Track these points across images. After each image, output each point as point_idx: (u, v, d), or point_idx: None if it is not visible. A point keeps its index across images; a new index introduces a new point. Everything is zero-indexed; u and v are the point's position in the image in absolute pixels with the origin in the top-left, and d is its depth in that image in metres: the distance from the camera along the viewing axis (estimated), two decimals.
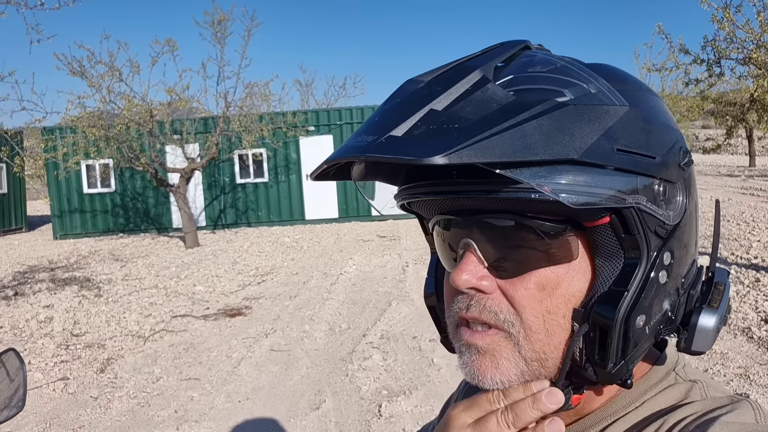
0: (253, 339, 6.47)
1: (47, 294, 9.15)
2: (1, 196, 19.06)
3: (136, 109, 12.75)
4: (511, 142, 0.52)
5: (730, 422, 0.57)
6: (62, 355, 6.19)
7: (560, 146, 0.53)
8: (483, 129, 0.52)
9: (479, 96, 0.56)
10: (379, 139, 0.54)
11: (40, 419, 4.67)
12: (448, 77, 0.59)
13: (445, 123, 0.54)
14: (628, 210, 0.58)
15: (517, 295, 0.61)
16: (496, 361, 0.62)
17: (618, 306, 0.59)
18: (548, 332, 0.61)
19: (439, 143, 0.51)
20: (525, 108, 0.54)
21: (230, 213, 17.96)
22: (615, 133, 0.57)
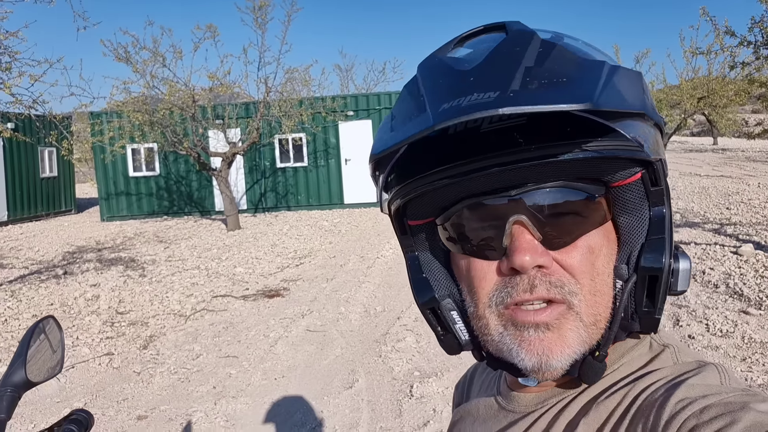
0: (290, 319, 6.60)
1: (94, 273, 9.48)
2: (51, 179, 19.72)
3: (179, 95, 13.00)
4: (616, 93, 0.56)
5: (695, 384, 0.59)
6: (108, 332, 6.43)
7: (636, 100, 0.59)
8: (590, 82, 0.55)
9: (557, 55, 0.59)
10: (504, 93, 0.53)
11: (87, 391, 4.89)
12: (513, 40, 0.61)
13: (551, 77, 0.55)
14: (658, 163, 0.62)
15: (575, 263, 0.63)
16: (562, 334, 0.63)
17: (663, 252, 0.63)
18: (601, 293, 0.65)
19: (567, 93, 0.52)
20: (599, 67, 0.58)
21: (270, 197, 18.20)
22: (647, 92, 0.63)
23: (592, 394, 0.67)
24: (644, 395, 0.61)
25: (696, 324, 5.64)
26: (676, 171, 21.90)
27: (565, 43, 0.63)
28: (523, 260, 0.61)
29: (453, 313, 0.73)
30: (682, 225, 11.12)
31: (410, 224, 0.75)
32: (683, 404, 0.56)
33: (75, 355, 5.74)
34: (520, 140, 0.59)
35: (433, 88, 0.60)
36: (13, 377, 1.09)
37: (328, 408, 4.36)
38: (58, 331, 1.23)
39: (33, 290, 8.45)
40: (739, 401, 0.54)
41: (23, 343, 1.13)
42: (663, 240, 0.64)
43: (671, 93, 15.96)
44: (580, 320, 0.63)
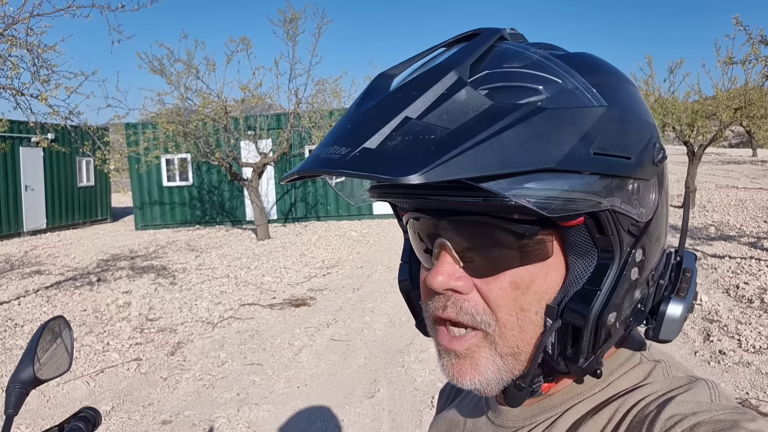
0: (315, 328, 6.64)
1: (127, 281, 9.68)
2: (88, 189, 20.21)
3: (212, 106, 13.23)
4: (488, 155, 0.51)
5: (686, 401, 0.58)
6: (137, 338, 6.55)
7: (537, 155, 0.53)
8: (459, 141, 0.52)
9: (455, 101, 0.55)
10: (352, 152, 0.53)
11: (115, 395, 4.98)
12: (423, 79, 0.57)
13: (421, 133, 0.53)
14: (603, 212, 0.58)
15: (492, 294, 0.62)
16: (474, 362, 0.64)
17: (591, 305, 0.60)
18: (522, 328, 0.63)
19: (416, 158, 0.51)
20: (502, 115, 0.54)
21: (300, 207, 18.36)
22: (592, 136, 0.56)
23: (583, 410, 0.66)
24: (634, 411, 0.60)
25: (728, 339, 5.50)
26: (713, 183, 21.44)
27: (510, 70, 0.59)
28: (434, 281, 0.62)
29: (421, 303, 0.74)
30: (717, 238, 10.88)
31: (402, 214, 0.76)
32: (674, 421, 0.55)
33: (105, 360, 5.86)
34: None
35: (335, 125, 0.61)
36: (21, 374, 1.13)
37: (349, 417, 4.37)
38: (68, 331, 1.27)
39: (67, 296, 8.66)
40: (729, 419, 0.53)
41: (33, 342, 1.17)
42: (595, 292, 0.60)
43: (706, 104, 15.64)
44: (495, 350, 0.63)
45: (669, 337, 0.64)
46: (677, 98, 16.11)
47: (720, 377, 4.73)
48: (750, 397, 4.35)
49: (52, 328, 1.23)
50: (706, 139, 16.13)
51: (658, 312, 0.65)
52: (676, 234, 11.50)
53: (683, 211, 0.73)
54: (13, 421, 1.09)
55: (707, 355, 5.19)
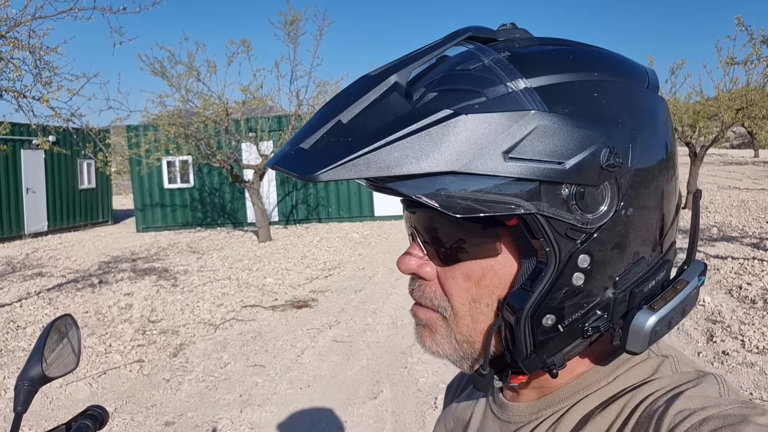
0: (317, 330, 6.64)
1: (128, 283, 9.68)
2: (90, 191, 20.23)
3: (213, 108, 13.24)
4: (393, 155, 0.54)
5: (694, 396, 0.57)
6: (139, 340, 6.55)
7: (444, 158, 0.54)
8: (369, 142, 0.55)
9: (381, 106, 0.57)
10: (290, 150, 0.58)
11: (118, 397, 4.98)
12: (364, 84, 0.60)
13: (342, 135, 0.56)
14: (530, 216, 0.57)
15: (446, 284, 0.66)
16: (432, 334, 0.69)
17: (522, 304, 0.61)
18: (474, 319, 0.65)
19: (326, 158, 0.55)
20: (418, 118, 0.55)
21: (302, 209, 18.36)
22: (510, 141, 0.56)
23: (591, 405, 0.66)
24: (643, 406, 0.60)
25: (731, 340, 5.49)
26: (714, 184, 21.43)
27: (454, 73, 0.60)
28: (401, 263, 0.68)
29: None
30: (719, 239, 10.87)
31: None
32: (682, 416, 0.55)
33: (107, 361, 5.86)
34: None
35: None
36: (30, 372, 1.13)
37: (352, 418, 4.36)
38: (75, 329, 1.27)
39: (69, 298, 8.66)
40: (738, 413, 0.53)
41: (40, 340, 1.17)
42: (527, 293, 0.61)
43: (708, 105, 15.64)
44: (451, 333, 0.67)
45: (635, 349, 0.62)
46: (679, 99, 16.13)
47: None
48: (754, 397, 4.34)
49: (59, 327, 1.22)
50: (707, 140, 16.14)
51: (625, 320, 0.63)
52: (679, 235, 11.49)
53: (692, 218, 0.71)
54: (21, 418, 1.09)
55: (710, 356, 5.19)
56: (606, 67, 0.64)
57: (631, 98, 0.63)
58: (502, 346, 0.65)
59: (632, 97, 0.64)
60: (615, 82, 0.63)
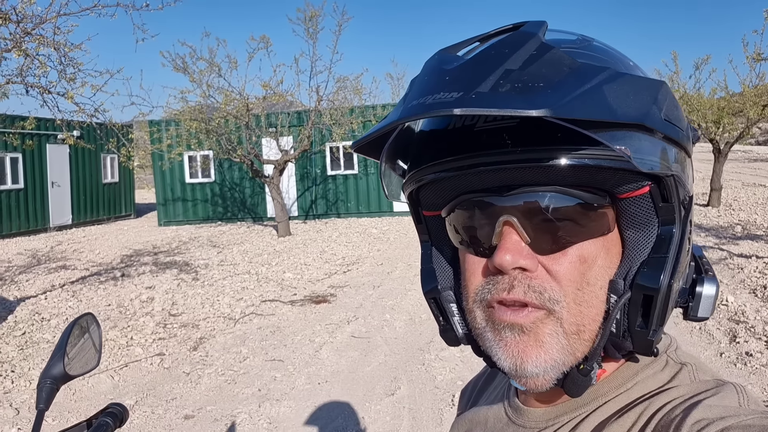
0: (335, 325, 6.67)
1: (150, 276, 9.80)
2: (113, 185, 20.50)
3: (234, 104, 13.33)
4: (598, 102, 0.54)
5: (713, 405, 0.57)
6: (160, 333, 6.63)
7: (633, 110, 0.56)
8: (570, 88, 0.54)
9: (549, 58, 0.57)
10: (467, 94, 0.53)
11: (138, 390, 5.05)
12: (511, 42, 0.59)
13: (529, 81, 0.54)
14: (670, 178, 0.60)
15: (561, 270, 0.62)
16: (539, 339, 0.62)
17: (661, 272, 0.61)
18: (588, 304, 0.63)
19: (534, 98, 0.52)
20: (596, 72, 0.57)
21: (321, 204, 18.42)
22: (661, 103, 0.59)
23: (607, 412, 0.65)
24: (660, 415, 0.60)
25: (755, 341, 5.41)
26: (739, 181, 21.10)
27: (571, 49, 0.62)
28: (503, 260, 0.61)
29: (452, 306, 0.74)
30: (743, 237, 10.70)
31: (424, 214, 0.77)
32: (700, 426, 0.54)
33: (129, 354, 5.95)
34: (507, 141, 0.59)
35: (418, 83, 0.61)
36: (52, 370, 1.15)
37: (369, 414, 4.38)
38: (97, 328, 1.29)
39: (92, 291, 8.79)
40: (758, 424, 0.52)
41: (63, 338, 1.19)
42: (664, 259, 0.61)
43: (733, 101, 15.38)
44: (561, 327, 0.62)
45: (706, 314, 0.65)
46: (703, 95, 15.87)
47: (746, 379, 4.65)
48: None
49: (81, 325, 1.25)
50: (732, 137, 15.88)
51: (695, 292, 0.67)
52: (701, 233, 11.33)
53: None
54: (44, 415, 1.12)
55: (733, 357, 5.12)
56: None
57: None
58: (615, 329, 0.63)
59: None
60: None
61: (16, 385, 5.19)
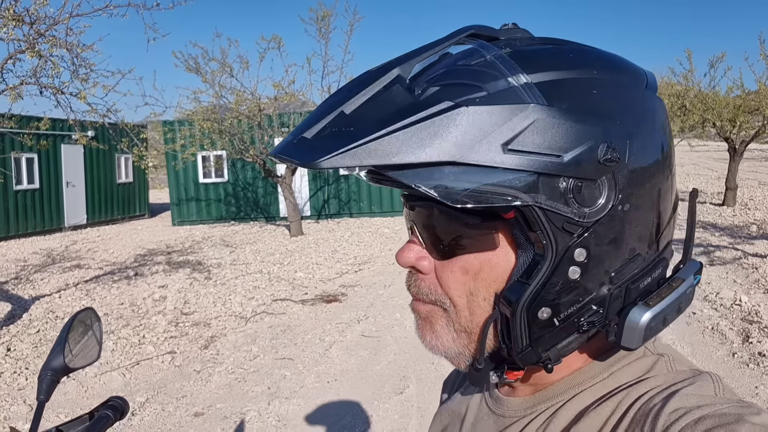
0: (346, 324, 6.68)
1: (163, 275, 9.87)
2: (127, 185, 20.67)
3: (246, 104, 13.39)
4: (391, 145, 0.55)
5: (690, 394, 0.58)
6: (172, 331, 6.68)
7: (443, 148, 0.55)
8: (371, 132, 0.55)
9: (384, 97, 0.59)
10: (293, 139, 0.59)
11: (150, 387, 5.10)
12: (369, 77, 0.61)
13: (345, 125, 0.57)
14: (527, 208, 0.58)
15: (444, 277, 0.67)
16: (433, 326, 0.69)
17: (518, 297, 0.61)
18: (472, 311, 0.66)
19: (330, 146, 0.56)
20: (419, 109, 0.56)
21: (333, 203, 18.46)
22: (510, 133, 0.56)
23: (585, 401, 0.66)
24: (638, 404, 0.60)
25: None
26: (755, 180, 20.87)
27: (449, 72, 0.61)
28: (399, 257, 0.69)
29: None
30: (758, 237, 10.59)
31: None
32: (677, 414, 0.55)
33: (140, 352, 6.00)
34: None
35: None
36: (53, 362, 1.17)
37: (377, 413, 4.39)
38: (97, 322, 1.31)
39: (106, 290, 8.88)
40: (734, 413, 0.53)
41: (63, 331, 1.21)
42: (523, 285, 0.61)
43: (749, 99, 15.20)
44: (451, 324, 0.67)
45: (630, 345, 0.62)
46: (718, 93, 15.71)
47: (759, 380, 4.61)
48: None
49: (82, 319, 1.26)
50: (748, 135, 15.70)
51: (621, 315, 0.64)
52: (716, 232, 11.22)
53: (688, 215, 0.71)
54: (44, 406, 1.13)
55: (746, 357, 5.07)
56: (605, 66, 0.65)
57: (629, 97, 0.65)
58: (498, 340, 0.65)
59: (630, 96, 0.65)
60: (613, 81, 0.64)
61: (30, 381, 5.25)
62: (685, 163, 32.80)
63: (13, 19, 5.61)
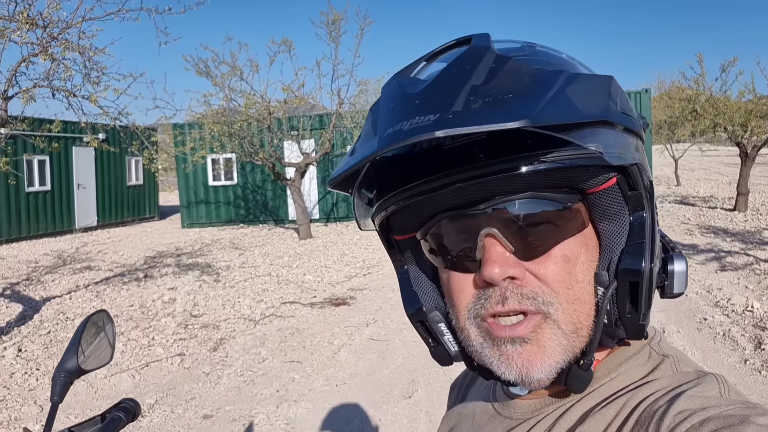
0: (354, 327, 6.68)
1: (172, 277, 9.91)
2: (137, 187, 20.78)
3: (256, 107, 13.44)
4: (566, 105, 0.55)
5: (695, 396, 0.58)
6: (181, 334, 6.70)
7: (596, 108, 0.58)
8: (537, 96, 0.55)
9: (509, 69, 0.58)
10: (444, 115, 0.54)
11: (159, 389, 5.11)
12: (468, 59, 0.61)
13: (498, 94, 0.55)
14: (634, 167, 0.61)
15: (549, 273, 0.63)
16: (542, 345, 0.63)
17: (642, 258, 0.62)
18: (580, 301, 0.64)
19: (508, 110, 0.53)
20: (553, 78, 0.58)
21: (342, 207, 18.48)
22: (615, 97, 0.61)
23: (591, 403, 0.66)
24: (643, 406, 0.61)
25: None
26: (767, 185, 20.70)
27: (523, 57, 0.64)
28: (492, 272, 0.61)
29: (441, 326, 0.75)
30: None
31: (396, 239, 0.76)
32: (683, 416, 0.55)
33: (150, 354, 6.02)
34: (480, 155, 0.59)
35: (385, 111, 0.62)
36: (66, 364, 1.17)
37: (386, 417, 4.38)
38: (110, 324, 1.31)
39: (116, 291, 8.92)
40: (739, 414, 0.53)
41: (77, 333, 1.21)
42: (643, 245, 0.63)
43: (761, 103, 15.09)
44: (559, 329, 0.63)
45: (680, 290, 0.67)
46: (730, 97, 15.60)
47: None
48: None
49: (95, 321, 1.27)
50: (760, 140, 15.58)
51: (668, 271, 0.68)
52: (727, 238, 11.14)
53: None
54: (58, 407, 1.14)
55: (758, 364, 5.02)
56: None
57: None
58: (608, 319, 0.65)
59: None
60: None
61: (40, 382, 5.28)
62: (696, 167, 32.60)
63: (27, 23, 5.66)
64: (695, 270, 8.55)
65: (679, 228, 12.64)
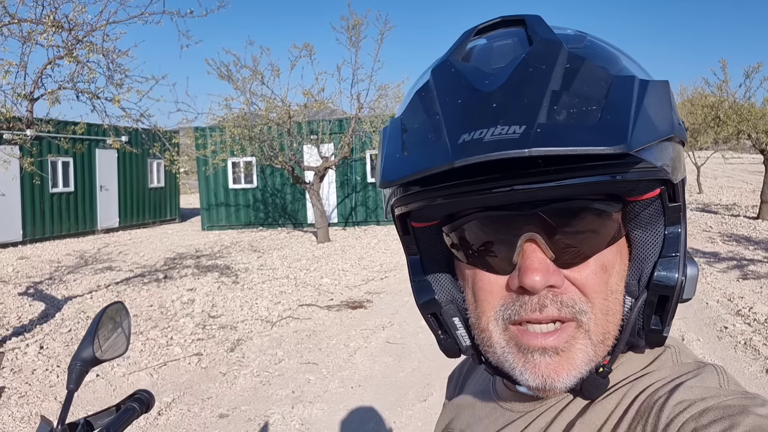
0: (370, 330, 6.69)
1: (191, 279, 10.00)
2: (158, 190, 21.02)
3: (276, 111, 13.53)
4: (648, 125, 0.52)
5: (694, 386, 0.58)
6: (199, 334, 6.76)
7: (666, 123, 0.55)
8: (621, 110, 0.52)
9: (585, 74, 0.55)
10: (530, 128, 0.50)
11: (176, 388, 5.16)
12: (541, 54, 0.57)
13: (581, 105, 0.52)
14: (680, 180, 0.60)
15: (587, 282, 0.61)
16: (571, 357, 0.61)
17: (675, 271, 0.62)
18: (612, 311, 0.63)
19: (601, 129, 0.50)
20: (628, 86, 0.55)
21: (360, 211, 18.52)
22: (674, 106, 0.59)
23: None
24: (643, 397, 0.61)
25: None
26: None
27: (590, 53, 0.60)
28: (534, 281, 0.59)
29: (455, 319, 0.72)
30: None
31: (414, 225, 0.72)
32: (682, 407, 0.55)
33: (168, 353, 6.08)
34: (539, 161, 0.54)
35: (451, 108, 0.56)
36: (82, 353, 1.20)
37: (400, 419, 4.38)
38: (126, 316, 1.34)
39: (136, 292, 9.02)
40: (738, 404, 0.54)
41: (93, 324, 1.24)
42: (677, 258, 0.62)
43: None
44: (589, 338, 0.62)
45: (690, 295, 0.66)
46: (754, 104, 15.40)
47: None
48: None
49: (111, 313, 1.30)
50: None
51: None
52: (750, 246, 10.97)
53: None
54: (73, 395, 1.16)
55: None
56: None
57: None
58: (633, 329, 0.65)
59: None
60: None
61: (60, 379, 5.36)
62: (719, 175, 32.16)
63: (53, 26, 5.77)
64: (716, 278, 8.43)
65: (700, 236, 12.48)
